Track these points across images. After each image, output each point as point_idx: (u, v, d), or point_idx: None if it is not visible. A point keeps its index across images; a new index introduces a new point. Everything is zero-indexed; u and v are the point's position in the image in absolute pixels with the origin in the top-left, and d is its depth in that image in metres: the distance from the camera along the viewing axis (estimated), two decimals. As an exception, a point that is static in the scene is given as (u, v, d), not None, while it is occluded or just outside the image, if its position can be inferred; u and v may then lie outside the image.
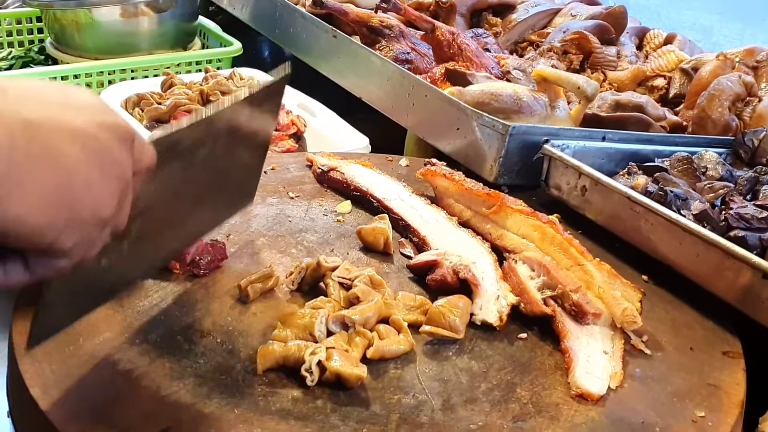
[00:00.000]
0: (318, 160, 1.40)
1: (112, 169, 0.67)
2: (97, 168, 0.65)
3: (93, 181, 0.65)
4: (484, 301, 1.04)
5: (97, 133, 0.66)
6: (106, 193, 0.67)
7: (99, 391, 0.89)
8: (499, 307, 1.04)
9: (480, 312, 1.03)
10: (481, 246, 1.15)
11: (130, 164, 0.70)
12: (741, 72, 1.79)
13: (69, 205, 0.64)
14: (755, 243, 1.15)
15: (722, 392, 0.98)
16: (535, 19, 2.17)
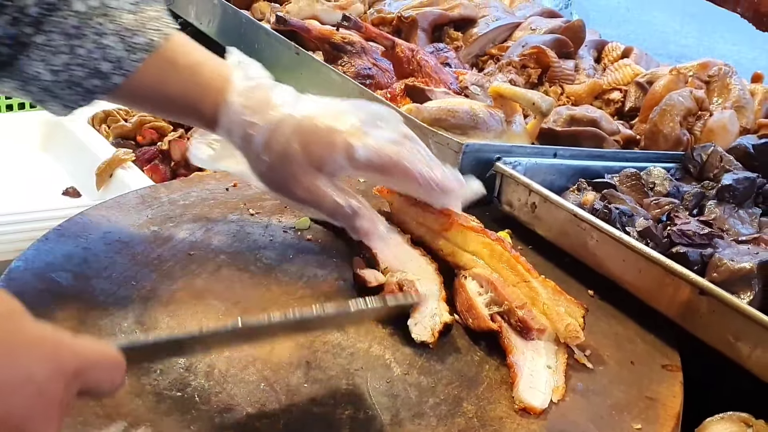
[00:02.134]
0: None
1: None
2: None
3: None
4: (419, 318, 1.08)
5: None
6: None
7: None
8: (432, 324, 1.07)
9: (414, 328, 1.06)
10: (429, 265, 1.19)
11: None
12: (694, 86, 1.84)
13: None
14: (696, 259, 1.20)
15: (659, 404, 1.03)
16: (496, 33, 2.22)
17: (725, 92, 1.80)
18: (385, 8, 2.23)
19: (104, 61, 1.08)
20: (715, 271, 1.17)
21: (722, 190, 1.39)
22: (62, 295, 1.10)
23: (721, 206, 1.38)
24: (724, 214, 1.37)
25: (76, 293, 1.11)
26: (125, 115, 1.69)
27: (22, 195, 1.63)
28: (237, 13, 2.04)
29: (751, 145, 1.56)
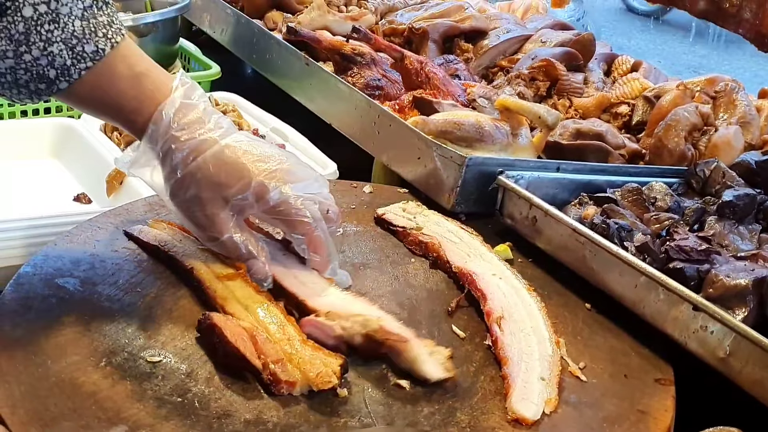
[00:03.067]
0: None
1: None
2: None
3: None
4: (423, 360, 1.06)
5: None
6: None
7: (64, 414, 0.94)
8: (439, 360, 1.06)
9: (428, 372, 1.05)
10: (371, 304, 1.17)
11: None
12: (701, 102, 1.86)
13: None
14: (693, 274, 1.22)
15: (650, 418, 1.04)
16: (506, 45, 2.23)
17: (731, 108, 1.81)
18: (397, 19, 2.25)
19: (50, 68, 1.08)
20: (710, 287, 1.18)
21: (723, 207, 1.41)
22: (68, 300, 1.13)
23: (722, 222, 1.39)
24: (724, 230, 1.39)
25: (82, 299, 1.13)
26: (137, 123, 1.72)
27: (33, 200, 1.66)
28: (249, 23, 2.07)
29: (754, 161, 1.58)
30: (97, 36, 1.11)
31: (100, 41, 1.11)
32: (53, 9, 1.08)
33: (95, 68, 1.10)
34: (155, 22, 2.09)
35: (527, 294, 1.22)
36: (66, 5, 1.09)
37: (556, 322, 1.19)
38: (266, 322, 1.08)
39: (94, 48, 1.11)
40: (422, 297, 1.23)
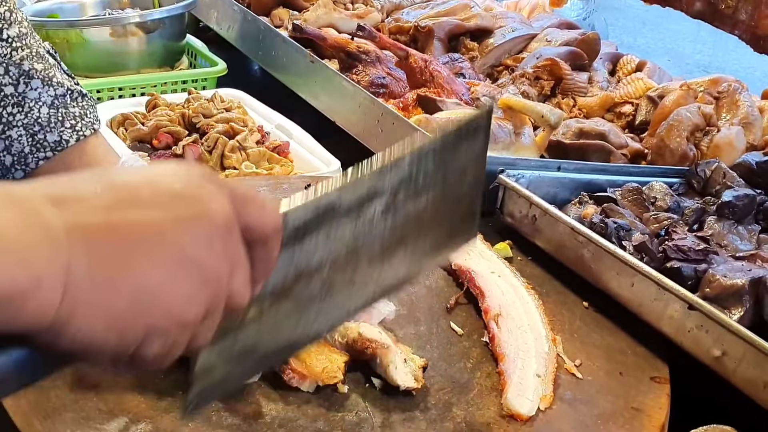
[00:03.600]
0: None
1: (192, 271, 0.62)
2: (169, 273, 0.61)
3: (165, 290, 0.60)
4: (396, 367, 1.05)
5: (171, 234, 0.60)
6: (183, 298, 0.62)
7: (65, 405, 0.96)
8: (410, 370, 1.04)
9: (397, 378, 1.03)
10: None
11: (223, 255, 0.64)
12: (704, 102, 1.86)
13: (136, 318, 0.60)
14: (690, 274, 1.23)
15: (644, 415, 1.06)
16: (512, 44, 2.24)
17: (734, 108, 1.82)
18: (403, 17, 2.26)
19: (7, 154, 1.04)
20: (707, 286, 1.20)
21: (722, 207, 1.41)
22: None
23: (721, 222, 1.40)
24: (723, 230, 1.40)
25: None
26: (142, 118, 1.74)
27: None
28: (256, 20, 2.09)
29: (755, 162, 1.58)
30: (63, 126, 1.07)
31: (66, 132, 1.07)
32: (20, 92, 1.04)
33: (54, 160, 1.06)
34: (162, 19, 2.11)
35: (525, 292, 1.23)
36: (35, 90, 1.06)
37: (553, 320, 1.20)
38: None
39: (57, 138, 1.06)
40: (421, 294, 1.25)
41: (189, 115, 1.73)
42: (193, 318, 0.63)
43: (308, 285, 0.85)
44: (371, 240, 0.91)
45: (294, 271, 0.82)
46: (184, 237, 0.61)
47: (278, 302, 0.83)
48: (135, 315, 0.59)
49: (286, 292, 0.83)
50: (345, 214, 0.85)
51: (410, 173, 0.91)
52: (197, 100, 1.79)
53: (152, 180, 0.63)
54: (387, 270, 0.96)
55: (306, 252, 0.83)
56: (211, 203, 0.63)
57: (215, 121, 1.70)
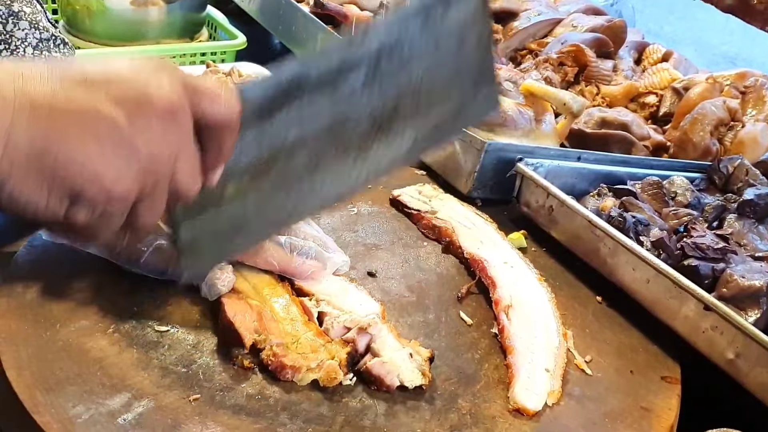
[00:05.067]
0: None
1: (124, 149, 0.68)
2: (99, 148, 0.67)
3: (92, 162, 0.67)
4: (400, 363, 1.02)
5: (107, 112, 0.67)
6: (114, 172, 0.68)
7: (69, 378, 0.95)
8: (417, 365, 1.02)
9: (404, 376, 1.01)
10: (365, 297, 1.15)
11: (162, 139, 0.69)
12: (730, 96, 1.83)
13: (64, 186, 0.67)
14: (707, 273, 1.20)
15: (653, 415, 1.04)
16: (536, 27, 2.21)
17: (760, 104, 1.78)
18: (427, -3, 2.23)
19: None
20: (724, 286, 1.17)
21: (743, 205, 1.39)
22: (81, 265, 1.13)
23: (741, 221, 1.38)
24: (744, 229, 1.37)
25: (95, 264, 1.14)
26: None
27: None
28: (277, -6, 2.07)
29: (780, 160, 1.55)
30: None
31: None
32: (8, 30, 1.10)
33: None
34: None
35: (538, 284, 1.21)
36: (22, 30, 1.11)
37: (565, 314, 1.18)
38: (272, 301, 1.08)
39: None
40: (432, 281, 1.23)
41: (206, 89, 1.70)
42: (121, 192, 0.69)
43: (290, 161, 0.86)
44: (356, 114, 0.89)
45: (269, 149, 0.82)
46: (121, 117, 0.67)
47: (259, 179, 0.84)
48: (63, 178, 0.66)
49: (265, 169, 0.84)
50: (316, 88, 0.85)
51: (389, 42, 0.89)
52: (215, 73, 1.76)
53: (105, 67, 0.69)
54: (386, 145, 0.94)
55: (278, 128, 0.83)
56: (157, 89, 0.69)
57: (233, 96, 1.68)
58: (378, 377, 1.00)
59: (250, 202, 0.86)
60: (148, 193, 0.70)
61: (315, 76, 0.85)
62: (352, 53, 0.87)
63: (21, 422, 0.91)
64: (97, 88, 0.67)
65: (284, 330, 1.03)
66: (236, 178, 0.83)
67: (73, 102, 0.66)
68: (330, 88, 0.86)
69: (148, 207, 0.72)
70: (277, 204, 0.89)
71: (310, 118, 0.86)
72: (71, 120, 0.66)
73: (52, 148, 0.65)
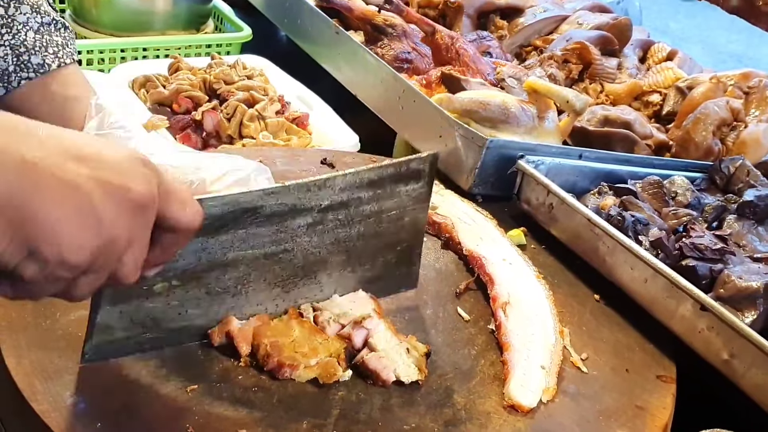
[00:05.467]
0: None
1: (91, 223, 0.71)
2: (69, 215, 0.70)
3: (60, 226, 0.70)
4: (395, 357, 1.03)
5: (90, 188, 0.71)
6: (75, 241, 0.71)
7: (68, 368, 0.96)
8: (413, 360, 1.03)
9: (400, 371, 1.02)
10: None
11: (126, 226, 0.74)
12: (734, 96, 1.83)
13: (26, 239, 0.70)
14: (705, 273, 1.21)
15: (648, 414, 1.04)
16: (542, 24, 2.21)
17: (763, 104, 1.78)
18: (433, -9, 2.23)
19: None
20: (722, 287, 1.18)
21: (743, 206, 1.39)
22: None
23: (741, 221, 1.38)
24: (743, 230, 1.37)
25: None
26: (164, 81, 1.73)
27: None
28: (284, -14, 2.07)
29: (781, 162, 1.55)
30: (46, 51, 1.13)
31: (48, 57, 1.13)
32: (10, 15, 1.11)
33: (37, 81, 1.13)
34: (190, -20, 2.10)
35: (536, 281, 1.22)
36: (24, 14, 1.12)
37: (563, 312, 1.19)
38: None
39: (41, 61, 1.13)
40: (430, 276, 1.24)
41: (210, 81, 1.72)
42: (74, 261, 0.72)
43: (221, 276, 0.95)
44: (292, 252, 1.00)
45: (206, 261, 0.91)
46: (97, 195, 0.71)
47: (188, 285, 0.92)
48: (27, 233, 0.69)
49: (197, 278, 0.92)
50: (266, 219, 0.94)
51: (341, 199, 1.00)
52: (219, 65, 1.77)
53: (98, 147, 0.74)
54: (309, 284, 1.05)
55: (221, 245, 0.92)
56: (136, 182, 0.74)
57: (236, 89, 1.69)
58: (374, 371, 1.01)
59: (173, 302, 0.94)
60: (93, 270, 0.74)
61: (269, 209, 0.94)
62: (308, 198, 0.98)
63: (19, 410, 0.91)
64: (86, 165, 0.71)
65: (277, 329, 1.03)
66: (168, 278, 0.92)
67: (61, 171, 0.70)
68: (277, 223, 0.96)
69: (89, 282, 0.76)
70: (200, 312, 0.98)
71: (251, 244, 0.95)
72: (53, 185, 0.70)
73: (26, 201, 0.68)
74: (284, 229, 0.97)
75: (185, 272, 0.93)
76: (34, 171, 0.69)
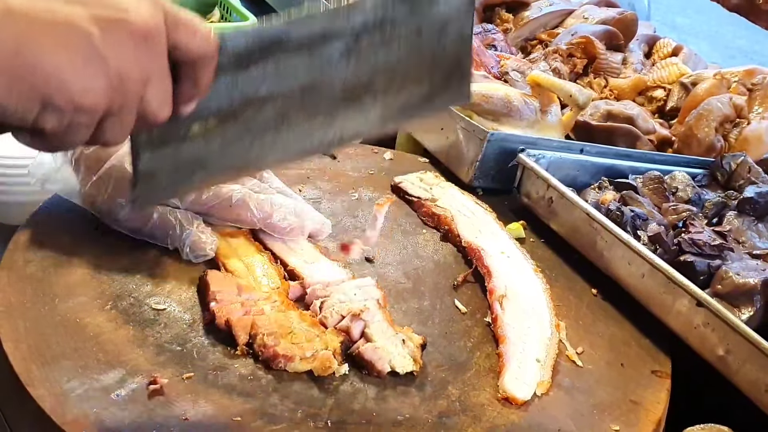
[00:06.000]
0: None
1: (94, 62, 0.69)
2: (71, 59, 0.68)
3: (63, 71, 0.68)
4: (391, 349, 1.03)
5: (85, 26, 0.68)
6: (83, 83, 0.69)
7: (65, 353, 0.97)
8: (408, 351, 1.04)
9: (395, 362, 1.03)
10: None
11: (133, 60, 0.71)
12: (737, 93, 1.82)
13: (34, 91, 0.68)
14: (703, 269, 1.21)
15: (642, 409, 1.05)
16: (548, 18, 2.21)
17: (767, 102, 1.78)
18: (439, -16, 2.22)
19: None
20: (719, 283, 1.18)
21: (743, 202, 1.39)
22: (82, 241, 1.15)
23: (741, 218, 1.38)
24: (743, 227, 1.37)
25: (95, 241, 1.16)
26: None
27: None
28: (290, -24, 2.07)
29: (783, 159, 1.55)
30: None
31: None
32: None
33: None
34: (197, -32, 2.10)
35: (533, 275, 1.22)
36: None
37: (559, 305, 1.19)
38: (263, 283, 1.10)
39: None
40: (429, 268, 1.24)
41: (214, 70, 1.71)
42: (88, 104, 0.70)
43: (259, 113, 0.89)
44: (330, 81, 0.92)
45: (240, 97, 0.86)
46: (95, 32, 0.68)
47: (225, 124, 0.87)
48: (33, 84, 0.67)
49: (233, 116, 0.87)
50: (295, 49, 0.87)
51: (374, 19, 0.91)
52: (224, 54, 1.77)
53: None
54: (353, 115, 0.96)
55: (252, 80, 0.86)
56: (137, 14, 0.70)
57: (240, 78, 1.69)
58: (369, 362, 1.01)
59: (213, 143, 0.88)
60: (115, 110, 0.72)
61: (296, 38, 0.87)
62: (337, 23, 0.89)
63: (16, 395, 0.92)
64: (79, 4, 0.69)
65: (277, 320, 1.04)
66: (203, 118, 0.86)
67: (50, 12, 0.68)
68: (308, 52, 0.88)
69: (115, 124, 0.74)
70: (240, 150, 0.91)
71: (285, 77, 0.88)
72: (46, 29, 0.67)
73: (23, 52, 0.67)
74: (317, 58, 0.89)
75: (220, 110, 0.87)
76: (24, 20, 0.67)
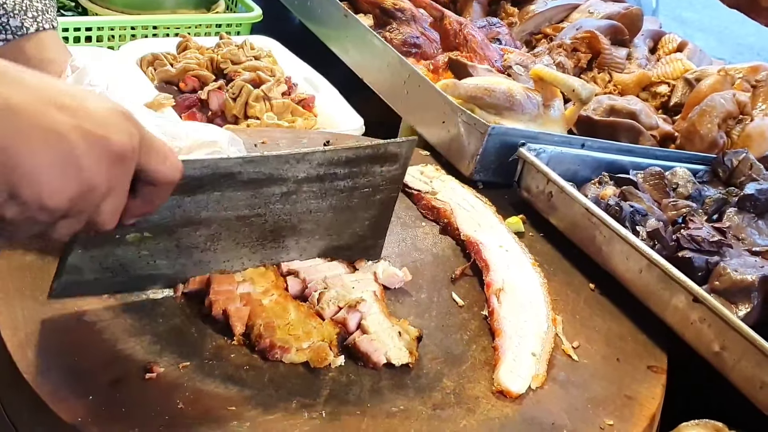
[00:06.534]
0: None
1: (71, 171, 0.73)
2: (50, 162, 0.72)
3: (41, 170, 0.72)
4: (387, 342, 1.04)
5: (72, 137, 0.73)
6: (54, 186, 0.73)
7: (63, 340, 0.98)
8: (404, 344, 1.04)
9: (391, 354, 1.03)
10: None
11: (105, 175, 0.76)
12: (741, 89, 1.82)
13: (7, 182, 0.71)
14: (701, 265, 1.21)
15: (636, 404, 1.05)
16: (553, 12, 2.20)
17: (770, 98, 1.77)
18: (444, -24, 2.22)
19: None
20: (717, 279, 1.18)
21: (744, 199, 1.39)
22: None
23: (741, 215, 1.38)
24: (743, 223, 1.37)
25: (94, 230, 1.16)
26: (172, 59, 1.74)
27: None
28: (294, -32, 2.07)
29: (785, 156, 1.55)
30: (25, 15, 1.16)
31: (27, 21, 1.16)
32: None
33: (11, 43, 1.16)
34: (202, -41, 2.10)
35: (531, 269, 1.22)
36: None
37: (557, 300, 1.20)
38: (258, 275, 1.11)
39: (19, 24, 1.16)
40: (427, 261, 1.24)
41: (218, 61, 1.72)
42: (53, 205, 0.74)
43: (193, 233, 1.00)
44: (264, 217, 1.05)
45: (181, 217, 0.96)
46: (79, 143, 0.73)
47: (159, 237, 0.98)
48: (9, 175, 0.71)
49: (169, 232, 0.97)
50: (242, 185, 0.99)
51: (318, 173, 1.04)
52: (227, 45, 1.78)
53: (83, 98, 0.76)
54: (276, 247, 1.10)
55: (196, 204, 0.97)
56: (118, 134, 0.76)
57: (243, 69, 1.70)
58: (365, 354, 1.02)
59: (143, 252, 0.99)
60: (72, 214, 0.77)
61: (246, 175, 0.98)
62: (285, 169, 1.01)
63: (14, 382, 0.93)
64: (70, 115, 0.73)
65: (274, 311, 1.04)
66: (142, 229, 0.97)
67: (44, 117, 0.72)
68: (253, 189, 1.01)
69: (67, 226, 0.78)
70: (165, 262, 1.02)
71: (226, 207, 1.00)
72: (37, 132, 0.71)
73: (9, 146, 0.70)
74: (259, 195, 1.02)
75: (159, 225, 0.97)
76: (17, 116, 0.70)
